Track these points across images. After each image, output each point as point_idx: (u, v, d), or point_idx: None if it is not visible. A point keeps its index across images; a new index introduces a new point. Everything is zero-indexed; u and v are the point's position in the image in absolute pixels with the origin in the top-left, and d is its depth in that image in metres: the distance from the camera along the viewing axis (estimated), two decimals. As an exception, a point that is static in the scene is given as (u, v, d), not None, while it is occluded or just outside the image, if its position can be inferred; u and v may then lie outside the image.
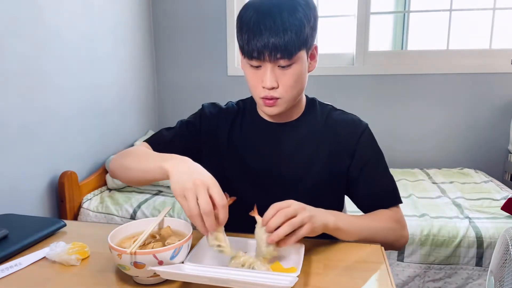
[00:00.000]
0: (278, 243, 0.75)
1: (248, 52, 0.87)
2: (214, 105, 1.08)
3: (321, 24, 2.54)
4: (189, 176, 0.72)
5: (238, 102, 1.10)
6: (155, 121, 2.80)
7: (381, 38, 2.86)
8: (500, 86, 2.44)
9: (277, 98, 0.90)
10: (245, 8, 0.89)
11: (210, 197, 0.70)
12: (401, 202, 0.99)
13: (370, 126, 1.02)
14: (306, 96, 1.05)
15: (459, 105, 2.50)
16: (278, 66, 0.87)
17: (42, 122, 1.74)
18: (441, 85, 2.49)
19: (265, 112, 0.95)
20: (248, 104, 1.06)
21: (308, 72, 0.95)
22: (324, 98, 1.06)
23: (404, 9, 2.81)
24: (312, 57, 0.95)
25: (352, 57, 2.56)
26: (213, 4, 2.59)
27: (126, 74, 2.41)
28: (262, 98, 0.91)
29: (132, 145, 2.44)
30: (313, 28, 0.89)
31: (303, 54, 0.89)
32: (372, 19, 2.51)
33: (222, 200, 0.71)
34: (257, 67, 0.89)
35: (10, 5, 1.56)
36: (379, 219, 0.94)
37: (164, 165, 0.77)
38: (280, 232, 0.74)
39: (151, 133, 2.63)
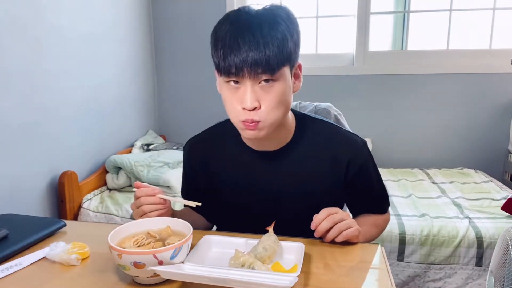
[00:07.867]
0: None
1: (225, 69, 0.79)
2: (194, 140, 1.04)
3: (321, 24, 2.54)
4: None
5: (218, 126, 1.03)
6: (155, 121, 2.80)
7: (381, 38, 2.85)
8: (500, 86, 2.44)
9: (258, 121, 0.81)
10: (219, 23, 0.82)
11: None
12: (389, 205, 1.08)
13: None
14: (295, 114, 0.97)
15: (459, 105, 2.50)
16: (259, 84, 0.80)
17: (42, 122, 1.74)
18: (441, 85, 2.49)
19: (247, 136, 0.86)
20: (232, 129, 0.92)
21: (293, 92, 0.87)
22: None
23: (404, 9, 2.81)
24: (296, 76, 0.88)
25: (352, 57, 2.55)
26: (213, 4, 2.59)
27: (126, 74, 2.41)
28: (243, 121, 0.82)
29: (132, 145, 2.44)
30: (296, 44, 0.83)
31: (286, 71, 0.82)
32: (372, 19, 2.51)
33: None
34: (236, 86, 0.81)
35: (11, 5, 1.56)
36: (375, 224, 1.03)
37: None
38: (329, 236, 0.84)
39: (151, 133, 2.64)
